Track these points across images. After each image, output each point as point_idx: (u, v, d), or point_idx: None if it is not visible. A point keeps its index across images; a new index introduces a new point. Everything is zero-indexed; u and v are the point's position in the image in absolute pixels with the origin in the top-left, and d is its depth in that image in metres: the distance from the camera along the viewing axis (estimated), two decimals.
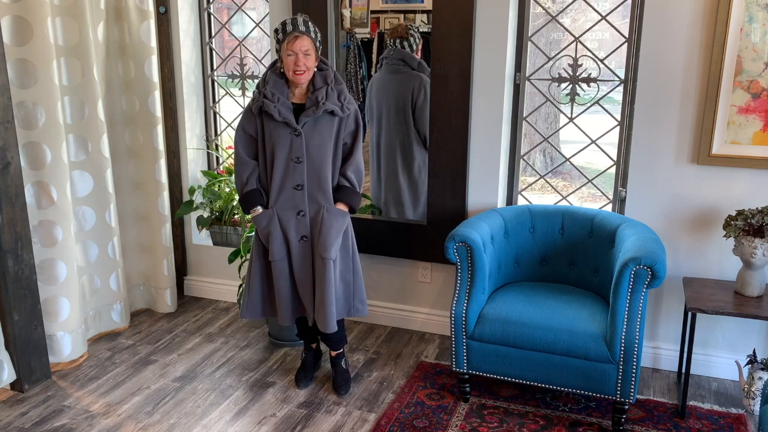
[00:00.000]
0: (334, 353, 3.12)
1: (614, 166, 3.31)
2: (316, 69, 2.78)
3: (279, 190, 2.81)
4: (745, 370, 3.09)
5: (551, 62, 3.35)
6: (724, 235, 2.86)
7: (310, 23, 2.75)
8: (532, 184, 3.88)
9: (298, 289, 2.91)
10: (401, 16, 3.79)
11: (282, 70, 2.77)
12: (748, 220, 2.76)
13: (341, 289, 2.90)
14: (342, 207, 2.85)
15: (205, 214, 4.05)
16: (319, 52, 2.79)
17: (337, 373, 3.12)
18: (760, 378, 2.86)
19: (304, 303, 2.93)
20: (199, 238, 4.19)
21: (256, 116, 2.81)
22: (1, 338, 2.96)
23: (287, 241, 2.83)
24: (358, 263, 2.98)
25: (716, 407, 2.94)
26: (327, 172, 2.80)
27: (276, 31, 2.74)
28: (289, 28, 2.69)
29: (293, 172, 2.78)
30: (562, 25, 3.60)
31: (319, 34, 2.78)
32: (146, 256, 3.92)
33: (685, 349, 2.91)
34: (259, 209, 2.85)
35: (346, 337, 3.13)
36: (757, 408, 2.88)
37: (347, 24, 3.76)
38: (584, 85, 3.27)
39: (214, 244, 4.13)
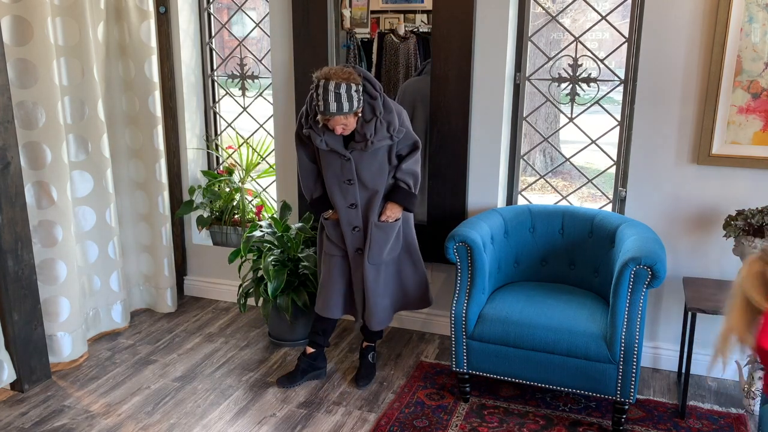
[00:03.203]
0: (365, 344, 3.20)
1: (614, 166, 3.31)
2: (366, 95, 2.70)
3: (336, 207, 2.91)
4: (745, 370, 3.09)
5: (551, 62, 3.35)
6: (724, 235, 2.86)
7: (342, 92, 2.57)
8: (532, 184, 3.89)
9: (354, 293, 3.03)
10: (401, 16, 3.79)
11: None
12: (748, 220, 2.76)
13: (400, 282, 3.04)
14: (396, 208, 2.90)
15: (205, 214, 4.05)
16: (360, 105, 2.67)
17: (362, 365, 3.19)
18: (760, 378, 2.86)
19: (356, 304, 3.04)
20: (199, 238, 4.19)
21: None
22: (1, 338, 2.96)
23: (346, 248, 2.96)
24: (420, 257, 3.10)
25: (716, 407, 2.94)
26: (379, 193, 2.87)
27: (311, 82, 2.66)
28: (321, 105, 2.61)
29: (346, 192, 2.86)
30: (562, 25, 3.61)
31: (354, 95, 2.62)
32: (146, 256, 3.92)
33: (685, 349, 2.91)
34: (331, 212, 2.97)
35: (382, 332, 3.24)
36: (757, 408, 2.88)
37: (347, 24, 3.76)
38: (584, 85, 3.27)
39: (214, 244, 4.13)
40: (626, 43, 3.12)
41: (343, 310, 3.08)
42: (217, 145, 4.16)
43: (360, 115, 2.72)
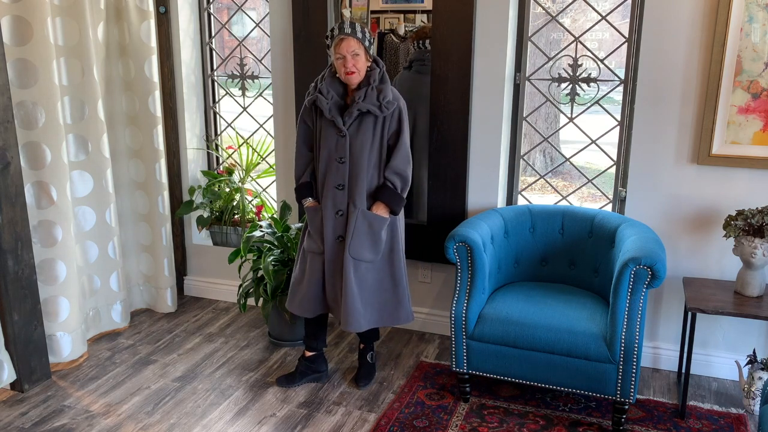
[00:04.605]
0: (362, 345, 3.18)
1: (614, 166, 3.31)
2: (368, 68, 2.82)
3: (323, 188, 2.88)
4: (745, 370, 3.09)
5: (551, 62, 3.35)
6: (724, 235, 2.86)
7: (357, 25, 2.76)
8: (532, 184, 3.89)
9: (326, 288, 2.94)
10: (401, 16, 3.79)
11: (337, 74, 2.83)
12: (748, 220, 2.76)
13: (379, 295, 2.93)
14: (382, 207, 2.86)
15: (205, 214, 4.05)
16: (371, 51, 2.80)
17: (361, 365, 3.18)
18: (760, 378, 2.86)
19: (329, 302, 2.96)
20: (199, 238, 4.19)
21: (311, 110, 2.88)
22: (1, 338, 2.96)
23: (323, 239, 2.89)
24: (403, 270, 2.95)
25: (716, 407, 2.94)
26: (367, 174, 2.83)
27: (326, 37, 2.81)
28: (336, 31, 2.74)
29: (336, 171, 2.83)
30: (562, 25, 3.61)
31: (368, 34, 2.79)
32: (146, 256, 3.92)
33: (685, 349, 2.91)
34: (310, 200, 2.93)
35: (378, 334, 3.18)
36: (757, 408, 2.88)
37: None
38: (584, 85, 3.27)
39: (214, 244, 4.13)
40: (626, 43, 3.12)
41: (321, 309, 3.00)
42: (217, 145, 4.16)
43: (369, 62, 2.79)
